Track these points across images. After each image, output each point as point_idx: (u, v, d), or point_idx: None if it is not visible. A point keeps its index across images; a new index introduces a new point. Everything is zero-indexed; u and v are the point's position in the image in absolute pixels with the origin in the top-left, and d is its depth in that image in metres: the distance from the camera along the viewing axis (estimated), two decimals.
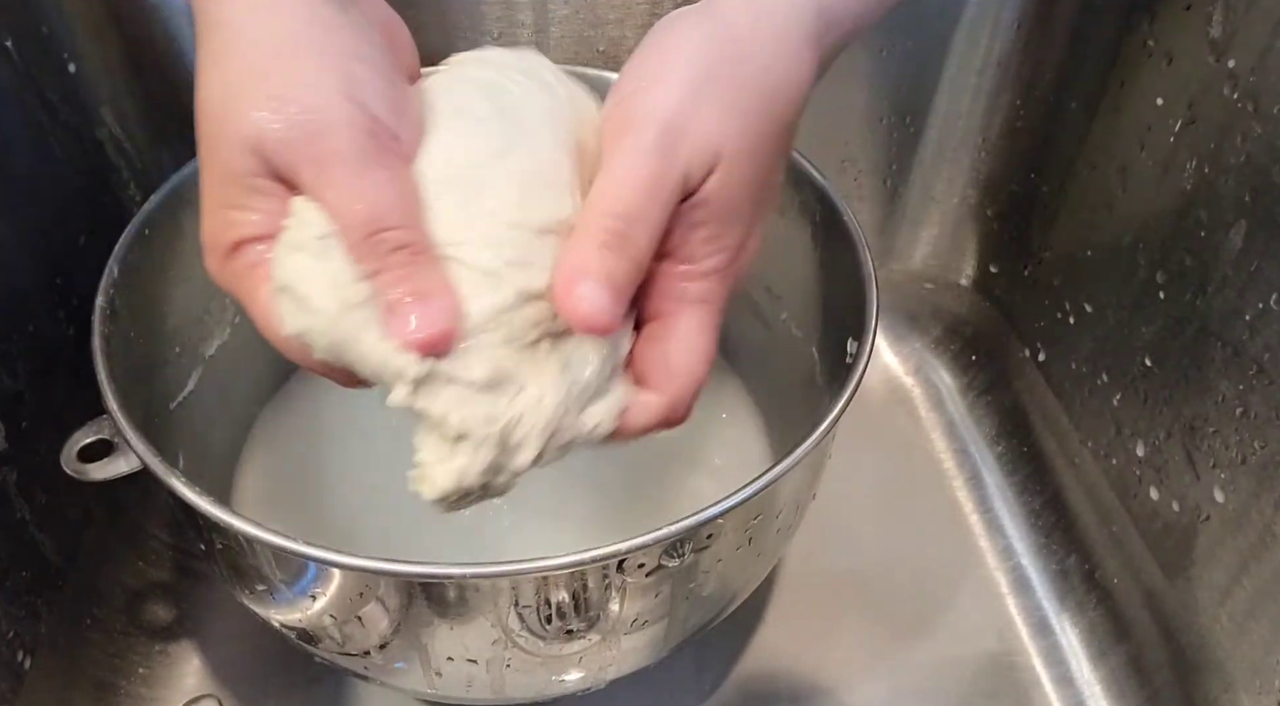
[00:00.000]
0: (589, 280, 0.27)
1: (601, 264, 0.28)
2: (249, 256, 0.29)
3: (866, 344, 0.38)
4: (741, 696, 0.50)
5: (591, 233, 0.28)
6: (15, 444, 0.43)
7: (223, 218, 0.29)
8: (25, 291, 0.45)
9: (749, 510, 0.35)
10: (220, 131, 0.28)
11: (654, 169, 0.28)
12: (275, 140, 0.27)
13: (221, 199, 0.29)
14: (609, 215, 0.28)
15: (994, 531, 0.57)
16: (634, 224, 0.28)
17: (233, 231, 0.29)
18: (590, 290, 0.27)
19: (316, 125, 0.27)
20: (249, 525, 0.31)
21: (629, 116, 0.29)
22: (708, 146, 0.29)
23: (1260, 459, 0.40)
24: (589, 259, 0.28)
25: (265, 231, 0.29)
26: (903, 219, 0.63)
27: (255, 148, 0.28)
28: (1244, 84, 0.40)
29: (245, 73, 0.28)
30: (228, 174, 0.28)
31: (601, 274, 0.28)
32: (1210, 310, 0.42)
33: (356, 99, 0.28)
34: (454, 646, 0.36)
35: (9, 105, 0.45)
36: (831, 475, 0.43)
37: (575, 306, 0.27)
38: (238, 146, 0.28)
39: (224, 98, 0.28)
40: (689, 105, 0.29)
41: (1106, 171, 0.50)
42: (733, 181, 0.30)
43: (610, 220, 0.28)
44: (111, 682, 0.48)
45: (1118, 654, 0.50)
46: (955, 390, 0.63)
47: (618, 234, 0.28)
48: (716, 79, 0.29)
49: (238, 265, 0.29)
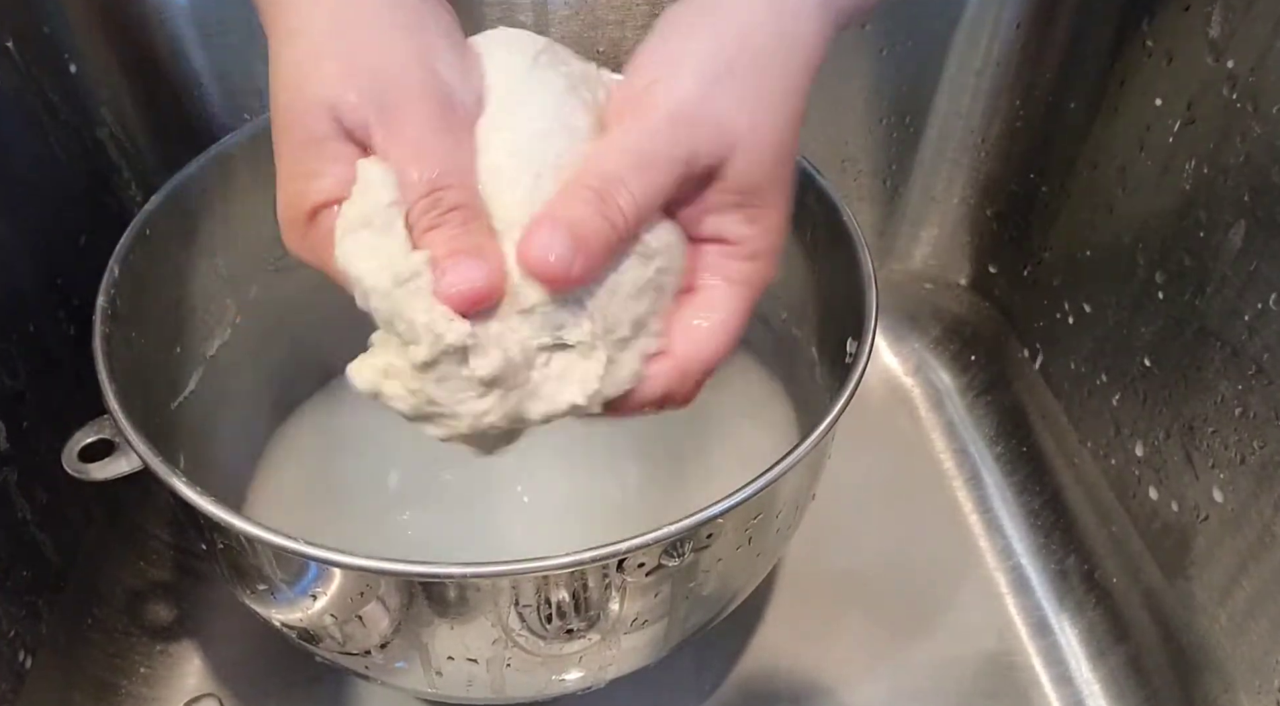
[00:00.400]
0: (551, 225, 0.27)
1: (567, 212, 0.27)
2: (326, 222, 0.29)
3: (866, 344, 0.38)
4: (741, 696, 0.50)
5: (569, 190, 0.28)
6: (16, 444, 0.43)
7: (298, 187, 0.29)
8: (25, 291, 0.45)
9: (749, 510, 0.35)
10: (295, 100, 0.29)
11: (650, 145, 0.28)
12: (351, 103, 0.28)
13: (296, 168, 0.29)
14: (589, 175, 0.28)
15: (993, 531, 0.57)
16: (612, 185, 0.28)
17: (309, 198, 0.29)
18: (547, 234, 0.27)
19: (391, 88, 0.28)
20: (250, 525, 0.32)
21: (639, 105, 0.29)
22: (719, 134, 0.29)
23: (1259, 459, 0.40)
24: (556, 207, 0.28)
25: (342, 195, 0.29)
26: (903, 219, 0.63)
27: (332, 110, 0.28)
28: (1243, 84, 0.40)
29: (321, 43, 0.29)
30: (305, 139, 0.29)
31: (565, 221, 0.27)
32: (1210, 310, 0.42)
33: (428, 65, 0.29)
34: (454, 646, 0.36)
35: (9, 105, 0.45)
36: (831, 475, 0.43)
37: (528, 250, 0.27)
38: (314, 110, 0.28)
39: (300, 68, 0.29)
40: (702, 96, 0.29)
41: (1106, 171, 0.50)
42: (754, 165, 0.30)
43: (590, 179, 0.28)
44: (112, 682, 0.48)
45: (1117, 654, 0.50)
46: (955, 390, 0.63)
47: (594, 192, 0.28)
48: (733, 72, 0.29)
49: (315, 236, 0.29)
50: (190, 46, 0.51)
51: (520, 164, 0.29)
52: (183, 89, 0.53)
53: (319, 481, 0.51)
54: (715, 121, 0.29)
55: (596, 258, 0.28)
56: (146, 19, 0.50)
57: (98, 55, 0.50)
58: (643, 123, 0.29)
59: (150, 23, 0.50)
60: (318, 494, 0.51)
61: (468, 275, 0.27)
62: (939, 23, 0.54)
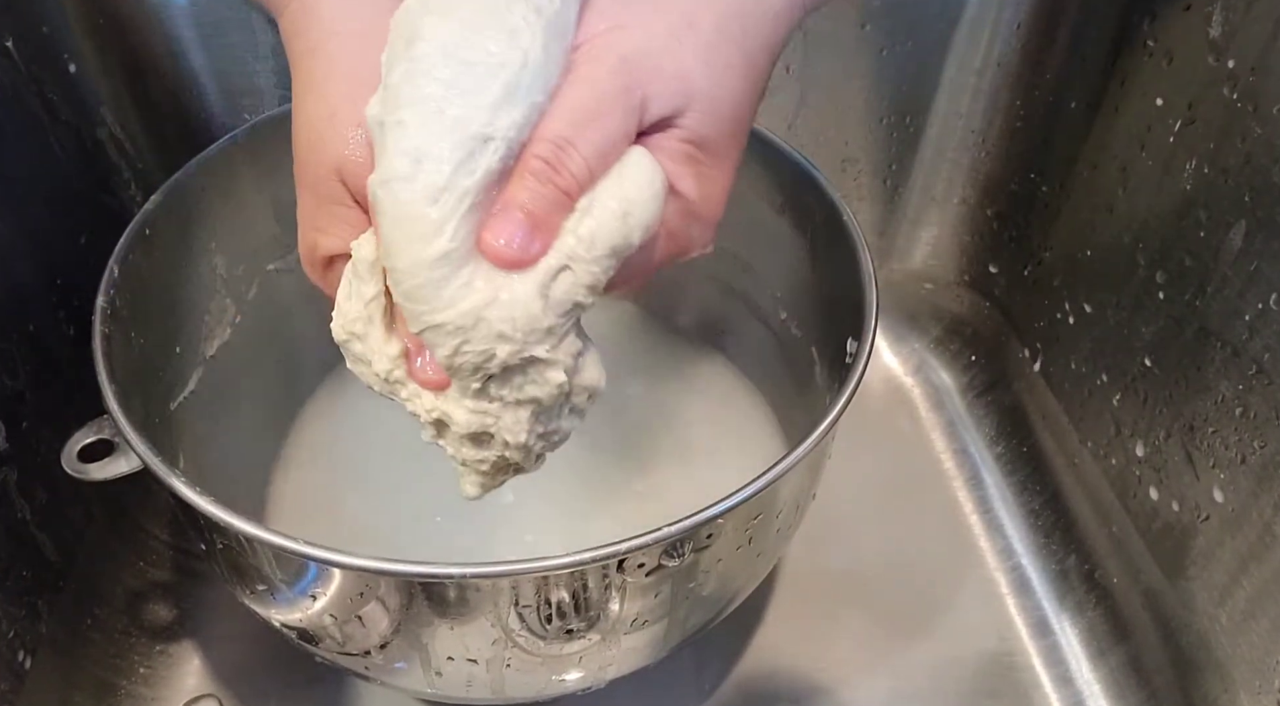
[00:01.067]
0: (505, 215, 0.27)
1: (520, 193, 0.27)
2: (338, 268, 0.31)
3: (866, 344, 0.38)
4: (741, 696, 0.50)
5: (524, 159, 0.27)
6: (16, 444, 0.43)
7: (312, 238, 0.31)
8: (25, 291, 0.45)
9: (749, 510, 0.35)
10: (309, 157, 0.30)
11: (601, 90, 0.27)
12: (356, 166, 0.29)
13: (311, 220, 0.31)
14: (543, 138, 0.27)
15: (994, 531, 0.57)
16: (567, 146, 0.27)
17: (320, 250, 0.31)
18: (505, 225, 0.27)
19: None
20: (249, 525, 0.32)
21: (594, 48, 0.28)
22: (678, 83, 0.28)
23: (1260, 459, 0.40)
24: (513, 188, 0.27)
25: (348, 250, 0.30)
26: (903, 219, 0.63)
27: (339, 173, 0.29)
28: (1244, 84, 0.40)
29: (334, 101, 0.30)
30: (317, 197, 0.30)
31: (518, 205, 0.27)
32: (1210, 310, 0.42)
33: None
34: (454, 646, 0.36)
35: (9, 105, 0.45)
36: (831, 475, 0.43)
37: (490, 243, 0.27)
38: (325, 172, 0.30)
39: (313, 125, 0.30)
40: (663, 46, 0.28)
41: (1106, 171, 0.50)
42: (710, 118, 0.29)
43: (543, 145, 0.27)
44: (112, 682, 0.48)
45: (1117, 654, 0.50)
46: (955, 390, 0.63)
47: (548, 159, 0.27)
48: (696, 29, 0.29)
49: (330, 278, 0.32)
50: (190, 46, 0.51)
51: None
52: (181, 89, 0.53)
53: (319, 481, 0.51)
54: (674, 72, 0.28)
55: (554, 227, 0.28)
56: (147, 19, 0.50)
57: (98, 55, 0.50)
58: (596, 70, 0.28)
59: (150, 23, 0.50)
60: (318, 493, 0.51)
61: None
62: (939, 23, 0.54)
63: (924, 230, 0.63)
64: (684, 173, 0.29)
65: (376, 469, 0.51)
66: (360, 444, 0.52)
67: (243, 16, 0.50)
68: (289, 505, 0.50)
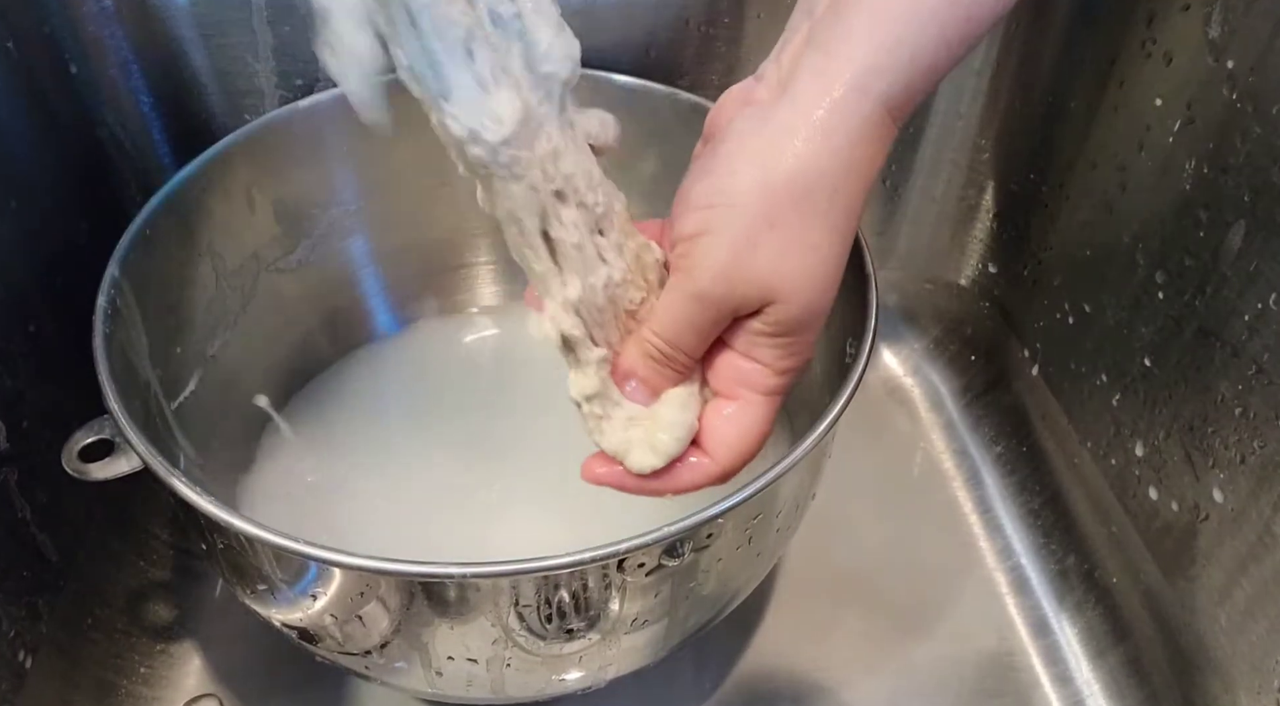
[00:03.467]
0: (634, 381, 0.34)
1: (644, 368, 0.34)
2: None
3: (866, 344, 0.38)
4: (741, 696, 0.50)
5: (641, 344, 0.34)
6: (16, 444, 0.43)
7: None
8: (25, 291, 0.45)
9: (749, 510, 0.35)
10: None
11: (697, 310, 0.32)
12: None
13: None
14: (654, 336, 0.33)
15: (993, 531, 0.57)
16: (674, 347, 0.33)
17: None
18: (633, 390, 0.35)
19: None
20: (250, 524, 0.32)
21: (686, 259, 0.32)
22: (760, 290, 0.31)
23: (1259, 459, 0.40)
24: (636, 365, 0.34)
25: None
26: (903, 219, 0.63)
27: None
28: (1243, 84, 0.40)
29: None
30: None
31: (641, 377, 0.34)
32: (1210, 310, 0.42)
33: None
34: (454, 645, 0.36)
35: (9, 105, 0.45)
36: (831, 475, 0.43)
37: None
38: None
39: None
40: (746, 258, 0.31)
41: (1106, 171, 0.50)
42: (792, 309, 0.32)
43: (656, 340, 0.33)
44: (112, 682, 0.48)
45: (1117, 653, 0.50)
46: (954, 390, 0.63)
47: (661, 352, 0.33)
48: (774, 225, 0.30)
49: None
50: (190, 46, 0.51)
51: None
52: (183, 89, 0.53)
53: (319, 480, 0.51)
54: (757, 280, 0.31)
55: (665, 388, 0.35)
56: (146, 19, 0.50)
57: (98, 55, 0.50)
58: (690, 286, 0.32)
59: (150, 23, 0.50)
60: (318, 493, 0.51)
61: None
62: None
63: (924, 230, 0.63)
64: (769, 344, 0.33)
65: (377, 468, 0.51)
66: (360, 443, 0.52)
67: (243, 16, 0.50)
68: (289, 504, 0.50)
